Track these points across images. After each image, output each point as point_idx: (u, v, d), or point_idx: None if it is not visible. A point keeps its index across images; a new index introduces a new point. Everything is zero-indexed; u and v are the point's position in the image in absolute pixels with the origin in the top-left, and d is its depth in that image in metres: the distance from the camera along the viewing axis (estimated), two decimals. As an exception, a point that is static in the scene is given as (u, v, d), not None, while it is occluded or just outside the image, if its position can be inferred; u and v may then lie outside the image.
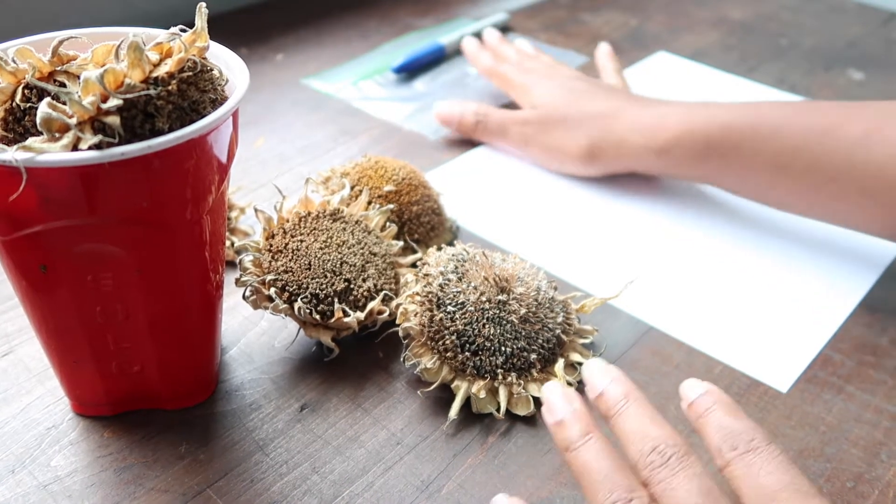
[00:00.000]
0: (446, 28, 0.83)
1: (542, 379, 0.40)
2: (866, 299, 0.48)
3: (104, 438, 0.37)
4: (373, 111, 0.67)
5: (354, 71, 0.74)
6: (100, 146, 0.28)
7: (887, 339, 0.45)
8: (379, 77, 0.73)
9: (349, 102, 0.68)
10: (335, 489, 0.36)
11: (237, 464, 0.37)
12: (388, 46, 0.78)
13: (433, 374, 0.39)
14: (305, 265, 0.41)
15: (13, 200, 0.28)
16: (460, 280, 0.41)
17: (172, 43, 0.31)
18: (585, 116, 0.57)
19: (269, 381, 0.41)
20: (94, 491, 0.35)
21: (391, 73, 0.73)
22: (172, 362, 0.37)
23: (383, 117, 0.66)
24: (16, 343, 0.43)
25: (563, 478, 0.36)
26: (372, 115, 0.67)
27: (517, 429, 0.39)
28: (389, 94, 0.70)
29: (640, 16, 0.88)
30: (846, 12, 0.91)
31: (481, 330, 0.39)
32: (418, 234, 0.48)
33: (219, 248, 0.36)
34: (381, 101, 0.69)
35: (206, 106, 0.31)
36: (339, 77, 0.72)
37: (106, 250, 0.31)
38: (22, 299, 0.34)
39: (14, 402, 0.39)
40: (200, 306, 0.37)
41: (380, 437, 0.38)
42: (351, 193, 0.46)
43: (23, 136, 0.30)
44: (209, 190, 0.33)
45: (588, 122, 0.57)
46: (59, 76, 0.31)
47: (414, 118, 0.67)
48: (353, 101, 0.69)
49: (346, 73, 0.73)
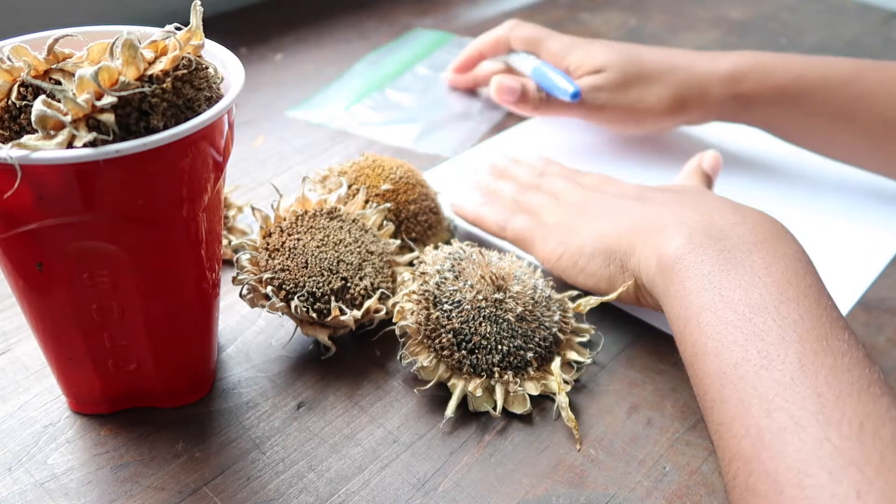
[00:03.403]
0: (405, 40, 0.80)
1: (539, 377, 0.40)
2: (863, 298, 0.48)
3: (101, 436, 0.38)
4: (378, 137, 0.64)
5: (339, 95, 0.70)
6: (95, 144, 0.28)
7: (884, 338, 0.45)
8: (368, 100, 0.69)
9: (347, 130, 0.65)
10: (331, 487, 0.36)
11: (234, 462, 0.37)
12: (359, 66, 0.75)
13: (430, 372, 0.39)
14: (302, 263, 0.41)
15: (8, 198, 0.29)
16: (457, 278, 0.41)
17: (167, 41, 0.31)
18: (661, 71, 0.57)
19: (266, 379, 0.41)
20: (90, 489, 0.35)
21: (378, 94, 0.70)
22: (169, 360, 0.37)
23: (392, 143, 0.63)
24: (13, 341, 0.43)
25: (560, 476, 0.36)
26: (380, 140, 0.64)
27: (513, 427, 0.39)
28: (386, 118, 0.67)
29: (639, 15, 0.88)
30: (846, 12, 0.90)
31: (478, 328, 0.39)
32: (415, 233, 0.48)
33: (215, 247, 0.37)
34: (382, 125, 0.66)
35: (202, 104, 0.31)
36: (324, 103, 0.69)
37: (101, 248, 0.31)
38: (18, 297, 0.34)
39: (11, 400, 0.39)
40: (196, 304, 0.37)
41: (376, 435, 0.38)
42: (348, 192, 0.46)
43: (18, 134, 0.30)
44: (205, 188, 0.33)
45: (665, 76, 0.57)
46: (54, 74, 0.31)
47: (424, 140, 0.64)
48: (351, 127, 0.65)
49: (330, 98, 0.69)
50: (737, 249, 0.37)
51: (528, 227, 0.48)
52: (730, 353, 0.32)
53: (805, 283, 0.34)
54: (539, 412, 0.40)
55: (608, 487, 0.36)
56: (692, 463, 0.37)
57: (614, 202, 0.46)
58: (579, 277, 0.44)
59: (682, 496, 0.36)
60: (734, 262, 0.36)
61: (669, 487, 0.36)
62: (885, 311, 0.47)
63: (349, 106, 0.68)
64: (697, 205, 0.41)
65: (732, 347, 0.32)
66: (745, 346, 0.32)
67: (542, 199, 0.50)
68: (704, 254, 0.37)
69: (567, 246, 0.45)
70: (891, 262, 0.51)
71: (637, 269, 0.41)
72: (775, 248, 0.36)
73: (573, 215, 0.47)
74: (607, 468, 0.37)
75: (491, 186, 0.55)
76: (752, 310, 0.33)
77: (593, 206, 0.47)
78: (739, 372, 0.31)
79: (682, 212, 0.40)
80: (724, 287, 0.35)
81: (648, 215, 0.42)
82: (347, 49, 0.78)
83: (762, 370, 0.31)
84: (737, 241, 0.37)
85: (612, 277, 0.42)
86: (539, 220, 0.49)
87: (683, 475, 0.37)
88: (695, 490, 0.36)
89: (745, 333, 0.32)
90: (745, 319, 0.33)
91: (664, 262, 0.38)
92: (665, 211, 0.41)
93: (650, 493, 0.36)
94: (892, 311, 0.47)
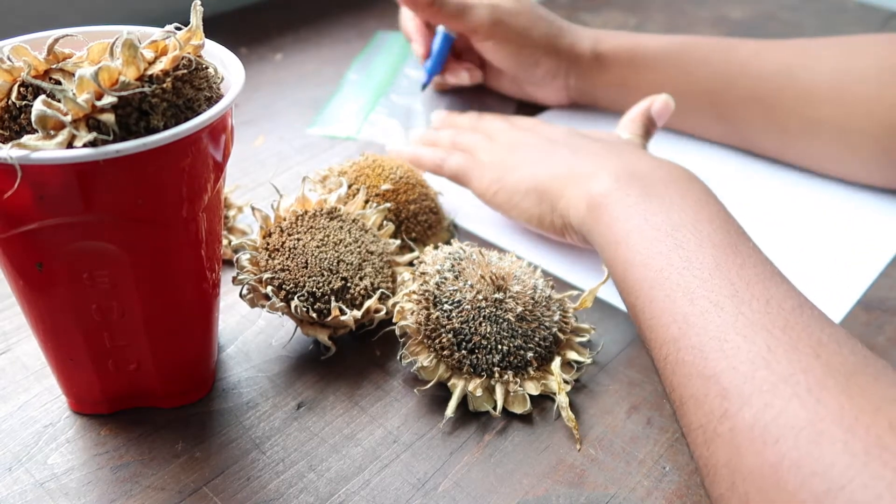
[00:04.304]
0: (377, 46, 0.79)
1: (539, 377, 0.40)
2: (863, 298, 0.48)
3: (101, 436, 0.38)
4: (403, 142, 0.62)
5: (349, 107, 0.68)
6: (95, 144, 0.28)
7: (884, 338, 0.45)
8: (380, 108, 0.68)
9: (375, 140, 0.63)
10: (331, 487, 0.36)
11: (233, 462, 0.37)
12: (352, 76, 0.73)
13: (430, 372, 0.39)
14: (302, 263, 0.41)
15: (8, 198, 0.29)
16: (457, 278, 0.41)
17: (167, 41, 0.31)
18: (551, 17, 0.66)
19: (266, 379, 0.41)
20: (90, 489, 0.35)
21: (385, 100, 0.69)
22: (169, 360, 0.37)
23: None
24: (13, 341, 0.43)
25: (560, 476, 0.36)
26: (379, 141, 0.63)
27: (513, 427, 0.39)
28: (402, 123, 0.66)
29: (639, 15, 0.88)
30: (846, 12, 0.90)
31: (478, 328, 0.39)
32: (415, 233, 0.48)
33: (215, 247, 0.37)
34: (405, 131, 0.65)
35: (202, 104, 0.31)
36: (339, 116, 0.67)
37: (101, 248, 0.31)
38: (18, 297, 0.34)
39: (11, 400, 0.39)
40: (196, 304, 0.37)
41: (376, 435, 0.38)
42: (348, 192, 0.46)
43: (18, 134, 0.30)
44: (205, 188, 0.33)
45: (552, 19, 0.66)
46: (54, 74, 0.31)
47: None
48: (378, 137, 0.64)
49: (342, 110, 0.68)
50: (656, 186, 0.42)
51: (464, 163, 0.53)
52: (656, 262, 0.38)
53: (714, 209, 0.40)
54: (539, 412, 0.40)
55: (608, 487, 0.36)
56: (692, 463, 0.37)
57: (548, 146, 0.51)
58: (512, 213, 0.50)
59: (681, 496, 0.36)
60: (655, 194, 0.42)
61: (669, 487, 0.36)
62: (885, 311, 0.47)
63: (367, 115, 0.67)
64: (622, 155, 0.47)
65: (658, 257, 0.38)
66: (668, 255, 0.37)
67: (477, 139, 0.55)
68: (629, 189, 0.42)
69: (502, 183, 0.50)
70: (891, 262, 0.51)
71: (566, 211, 0.46)
72: (688, 185, 0.43)
73: (507, 153, 0.52)
74: (607, 468, 0.37)
75: (430, 135, 0.59)
76: (673, 227, 0.39)
77: (527, 146, 0.52)
78: (665, 274, 0.37)
79: (608, 160, 0.46)
80: (648, 213, 0.40)
81: (579, 163, 0.47)
82: (347, 49, 0.78)
83: (684, 271, 0.36)
84: (656, 180, 0.43)
85: (541, 216, 0.48)
86: (475, 157, 0.53)
87: (683, 475, 0.37)
88: (695, 490, 0.36)
89: (669, 245, 0.38)
90: (668, 235, 0.38)
91: (593, 201, 0.43)
92: (594, 160, 0.47)
93: (650, 493, 0.36)
94: (892, 311, 0.47)
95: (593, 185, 0.44)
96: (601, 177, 0.44)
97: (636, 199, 0.41)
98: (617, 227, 0.41)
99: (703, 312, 0.34)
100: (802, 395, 0.29)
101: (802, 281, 0.49)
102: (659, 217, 0.40)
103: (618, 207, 0.42)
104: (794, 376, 0.29)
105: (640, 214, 0.40)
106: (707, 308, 0.34)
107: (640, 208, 0.41)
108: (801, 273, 0.50)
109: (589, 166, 0.46)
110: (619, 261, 0.40)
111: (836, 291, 0.48)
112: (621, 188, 0.43)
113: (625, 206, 0.41)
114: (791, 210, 0.56)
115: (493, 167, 0.51)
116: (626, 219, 0.41)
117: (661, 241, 0.38)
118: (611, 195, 0.43)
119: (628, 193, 0.42)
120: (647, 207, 0.41)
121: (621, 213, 0.41)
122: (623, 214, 0.41)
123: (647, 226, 0.40)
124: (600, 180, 0.44)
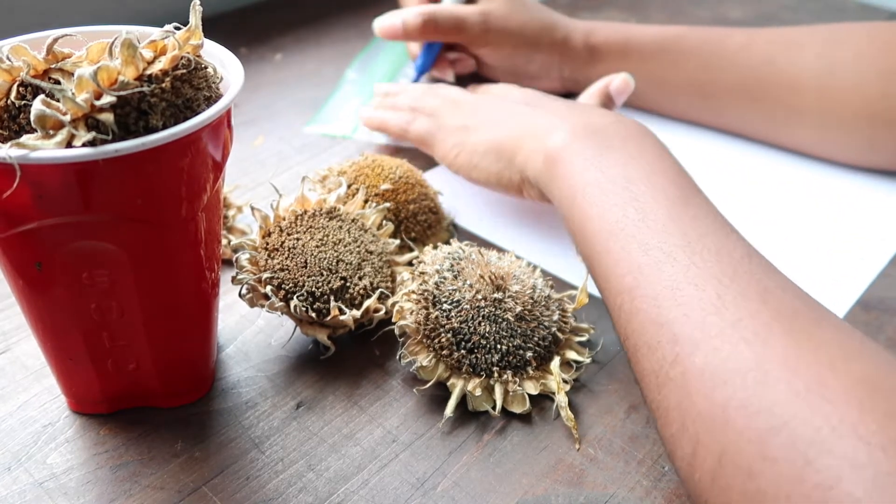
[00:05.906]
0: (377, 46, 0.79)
1: (538, 377, 0.40)
2: (863, 298, 0.48)
3: (100, 436, 0.38)
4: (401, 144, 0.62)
5: (347, 106, 0.68)
6: (94, 143, 0.28)
7: (884, 338, 0.45)
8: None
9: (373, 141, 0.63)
10: (330, 487, 0.36)
11: (233, 461, 0.37)
12: (350, 76, 0.73)
13: (429, 371, 0.39)
14: (301, 263, 0.41)
15: (7, 197, 0.29)
16: (456, 278, 0.41)
17: (166, 40, 0.31)
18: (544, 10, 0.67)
19: (266, 378, 0.41)
20: (89, 488, 0.35)
21: None
22: (168, 360, 0.37)
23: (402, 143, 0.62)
24: (13, 341, 0.43)
25: (559, 475, 0.36)
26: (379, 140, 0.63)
27: (513, 426, 0.39)
28: None
29: (639, 15, 0.88)
30: (846, 12, 0.90)
31: (477, 328, 0.39)
32: (415, 233, 0.48)
33: (214, 246, 0.37)
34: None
35: (201, 103, 0.31)
36: (337, 115, 0.67)
37: (100, 248, 0.31)
38: (18, 297, 0.34)
39: (11, 400, 0.39)
40: (196, 304, 0.37)
41: (375, 434, 0.38)
42: (347, 192, 0.46)
43: (17, 134, 0.30)
44: (204, 187, 0.33)
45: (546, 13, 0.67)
46: (53, 74, 0.31)
47: None
48: (375, 138, 0.63)
49: (340, 110, 0.68)
50: (612, 140, 0.43)
51: (428, 128, 0.55)
52: (612, 214, 0.38)
53: (668, 163, 0.41)
54: (538, 412, 0.40)
55: (607, 487, 0.36)
56: (691, 462, 0.37)
57: (507, 106, 0.52)
58: (472, 173, 0.51)
59: (681, 496, 0.36)
60: (611, 148, 0.42)
61: (668, 487, 0.36)
62: (885, 311, 0.47)
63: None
64: (580, 112, 0.47)
65: (614, 210, 0.38)
66: (624, 207, 0.38)
67: (440, 103, 0.56)
68: (586, 142, 0.43)
69: (463, 146, 0.51)
70: (891, 262, 0.51)
71: (524, 165, 0.47)
72: (644, 140, 0.43)
73: (469, 116, 0.53)
74: (606, 468, 0.37)
75: (390, 100, 0.60)
76: (629, 181, 0.39)
77: (487, 108, 0.53)
78: (620, 226, 0.38)
79: (566, 116, 0.46)
80: (605, 166, 0.41)
81: (536, 118, 0.48)
82: (347, 49, 0.78)
83: (639, 223, 0.37)
84: (612, 134, 0.43)
85: (500, 173, 0.49)
86: (439, 121, 0.55)
87: (682, 475, 0.37)
88: (694, 490, 0.36)
89: (624, 198, 0.39)
90: (623, 189, 0.39)
91: (550, 154, 0.44)
92: (551, 116, 0.47)
93: (649, 493, 0.36)
94: (892, 311, 0.47)
95: (550, 139, 0.45)
96: (558, 131, 0.45)
97: (593, 153, 0.42)
98: (574, 179, 0.42)
99: (657, 263, 0.35)
100: (749, 338, 0.30)
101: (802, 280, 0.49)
102: (615, 170, 0.40)
103: (575, 161, 0.42)
104: (741, 321, 0.30)
105: (596, 167, 0.41)
106: (661, 259, 0.35)
107: (596, 162, 0.41)
108: (801, 272, 0.50)
109: (546, 122, 0.47)
110: (576, 213, 0.41)
111: (836, 291, 0.48)
112: (578, 142, 0.43)
113: (582, 160, 0.42)
114: (792, 210, 0.56)
115: (455, 131, 0.53)
116: (582, 172, 0.42)
117: (617, 194, 0.39)
118: (568, 149, 0.43)
119: (585, 147, 0.43)
120: (603, 161, 0.41)
121: (578, 166, 0.42)
122: (580, 167, 0.42)
123: (604, 178, 0.40)
124: (557, 134, 0.44)
